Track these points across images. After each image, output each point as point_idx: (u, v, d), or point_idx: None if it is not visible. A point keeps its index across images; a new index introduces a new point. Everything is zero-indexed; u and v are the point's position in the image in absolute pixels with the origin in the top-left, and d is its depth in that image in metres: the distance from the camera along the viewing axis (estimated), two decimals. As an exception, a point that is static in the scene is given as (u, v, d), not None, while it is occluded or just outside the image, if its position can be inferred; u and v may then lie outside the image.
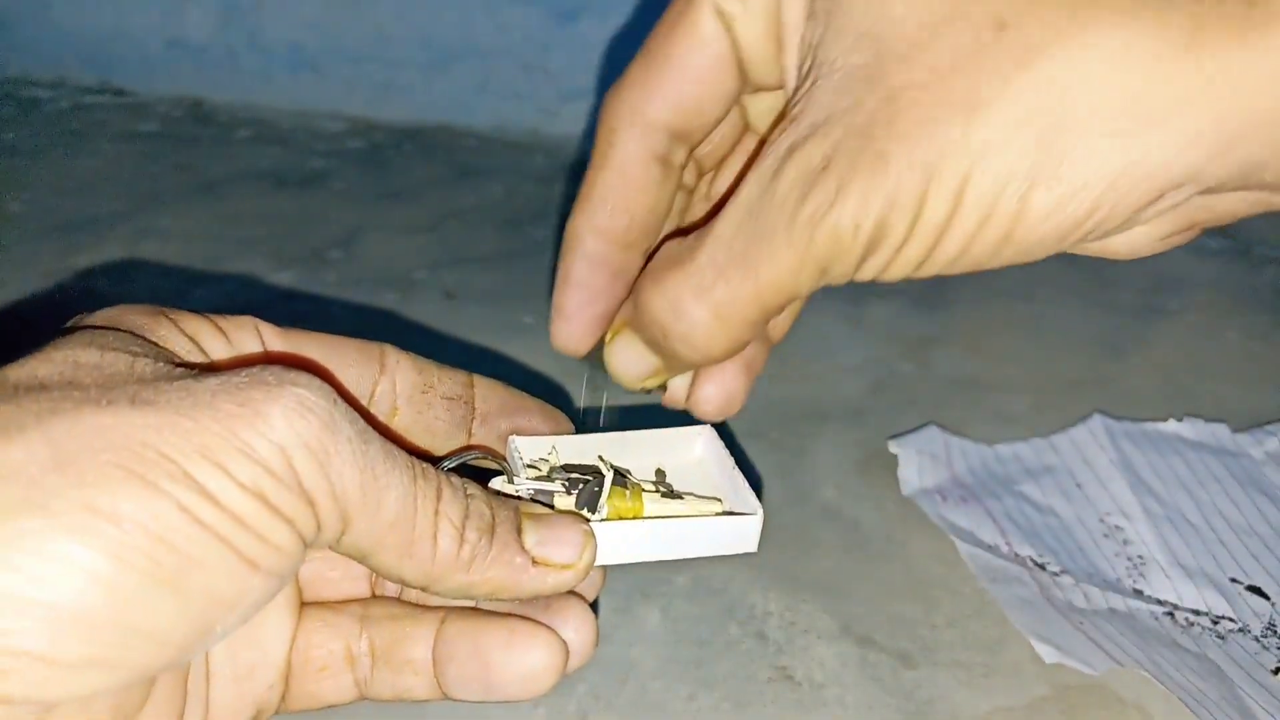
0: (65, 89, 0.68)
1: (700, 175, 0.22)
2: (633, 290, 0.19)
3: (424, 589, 0.17)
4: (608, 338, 0.20)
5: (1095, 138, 0.15)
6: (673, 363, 0.20)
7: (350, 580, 0.20)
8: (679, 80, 0.19)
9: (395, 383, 0.20)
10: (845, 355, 0.44)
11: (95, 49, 0.68)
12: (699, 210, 0.22)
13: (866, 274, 0.17)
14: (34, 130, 0.63)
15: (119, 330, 0.17)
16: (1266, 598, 0.32)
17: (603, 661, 0.28)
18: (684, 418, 0.23)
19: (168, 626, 0.14)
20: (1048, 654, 0.29)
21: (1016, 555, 0.33)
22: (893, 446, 0.37)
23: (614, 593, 0.31)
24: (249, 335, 0.19)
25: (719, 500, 0.21)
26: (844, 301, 0.48)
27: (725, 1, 0.18)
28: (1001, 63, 0.15)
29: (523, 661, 0.18)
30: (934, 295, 0.50)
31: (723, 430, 0.23)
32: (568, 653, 0.19)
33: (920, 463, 0.37)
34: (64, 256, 0.49)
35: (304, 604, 0.20)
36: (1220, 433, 0.39)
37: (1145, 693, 0.28)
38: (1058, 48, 0.15)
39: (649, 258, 0.20)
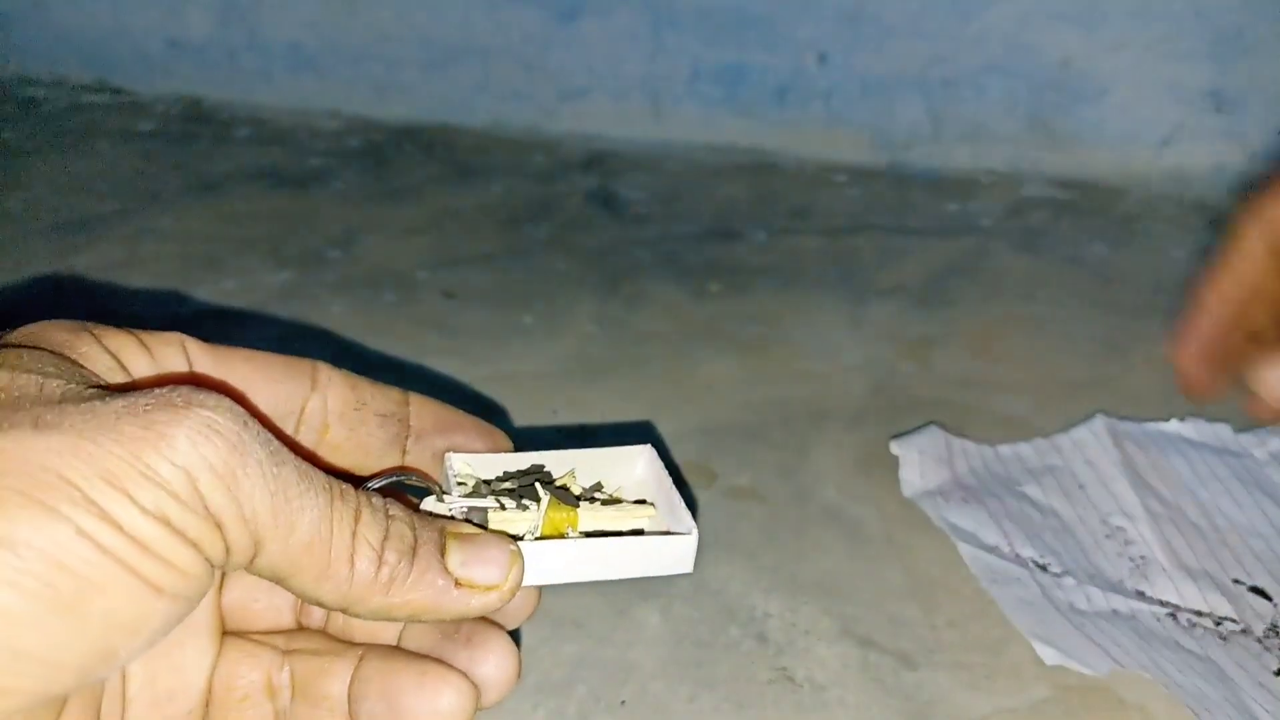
0: (64, 88, 0.68)
1: None
2: None
3: (343, 611, 0.17)
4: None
5: None
6: None
7: (274, 611, 0.20)
8: None
9: (327, 400, 0.20)
10: (846, 356, 0.44)
11: (93, 48, 0.68)
12: None
13: None
14: (32, 129, 0.63)
15: (37, 349, 0.16)
16: (1269, 599, 0.31)
17: (603, 663, 0.28)
18: (627, 437, 0.23)
19: (65, 651, 0.14)
20: (1049, 656, 0.29)
21: (1018, 556, 0.33)
22: (894, 447, 0.37)
23: (614, 594, 0.31)
24: (175, 352, 0.18)
25: (652, 506, 0.21)
26: (845, 302, 0.48)
27: None
28: None
29: (430, 705, 0.18)
30: (935, 295, 0.49)
31: (664, 450, 0.23)
32: (478, 696, 0.19)
33: (922, 463, 0.37)
34: (62, 255, 0.49)
35: (227, 633, 0.20)
36: (1223, 433, 0.39)
37: (1147, 694, 0.28)
38: None
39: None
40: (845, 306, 0.48)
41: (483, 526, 0.19)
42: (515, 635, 0.20)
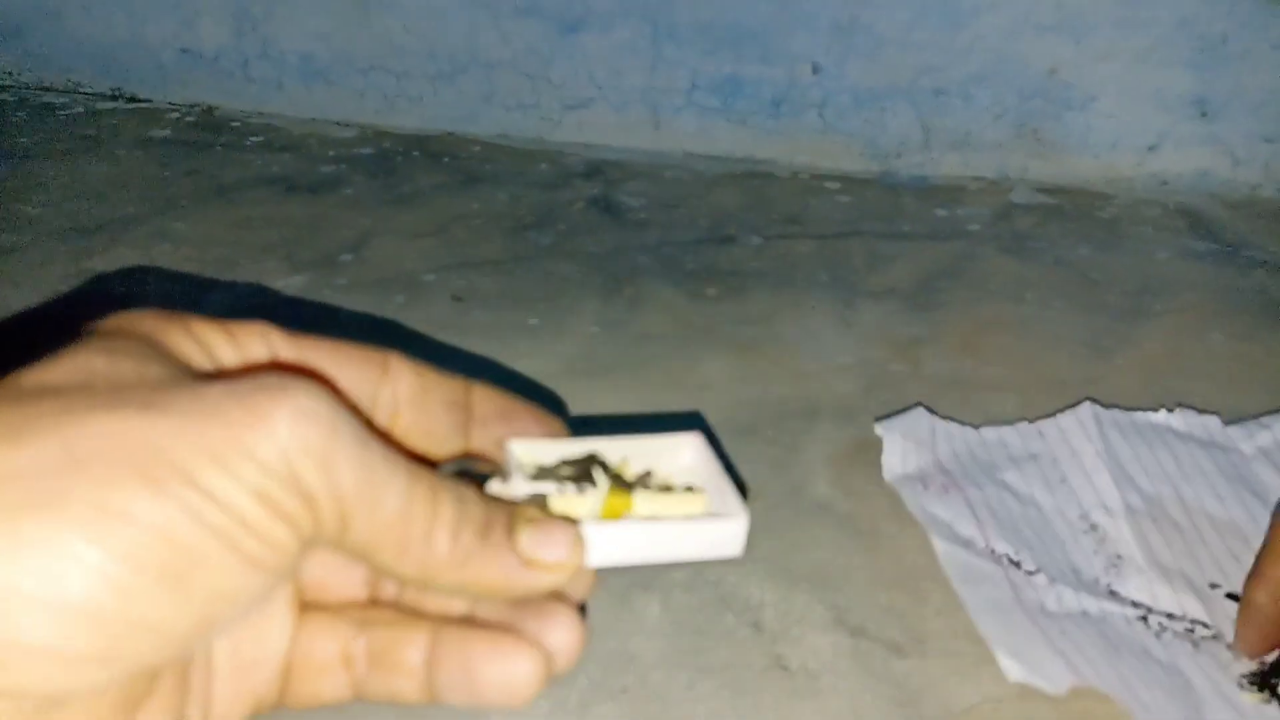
0: (79, 96, 0.69)
1: None
2: None
3: (421, 586, 0.18)
4: None
5: None
6: None
7: (350, 585, 0.21)
8: None
9: (397, 388, 0.21)
10: (838, 356, 0.45)
11: (109, 57, 0.69)
12: None
13: None
14: (49, 136, 0.64)
15: (130, 336, 0.17)
16: None
17: (604, 651, 0.29)
18: (675, 424, 0.24)
19: (171, 621, 0.15)
20: (1013, 671, 0.28)
21: (993, 551, 0.33)
22: (879, 429, 0.37)
23: (614, 585, 0.32)
24: (258, 340, 0.19)
25: (703, 493, 0.22)
26: (837, 303, 0.49)
27: None
28: None
29: (506, 672, 0.19)
30: (924, 297, 0.50)
31: (712, 434, 0.24)
32: (550, 664, 0.20)
33: (904, 448, 0.36)
34: (79, 260, 0.50)
35: (305, 605, 0.21)
36: (1211, 425, 0.38)
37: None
38: None
39: None
40: (837, 308, 0.49)
41: (543, 509, 0.20)
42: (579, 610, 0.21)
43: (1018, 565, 0.32)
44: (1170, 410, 0.38)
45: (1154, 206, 0.62)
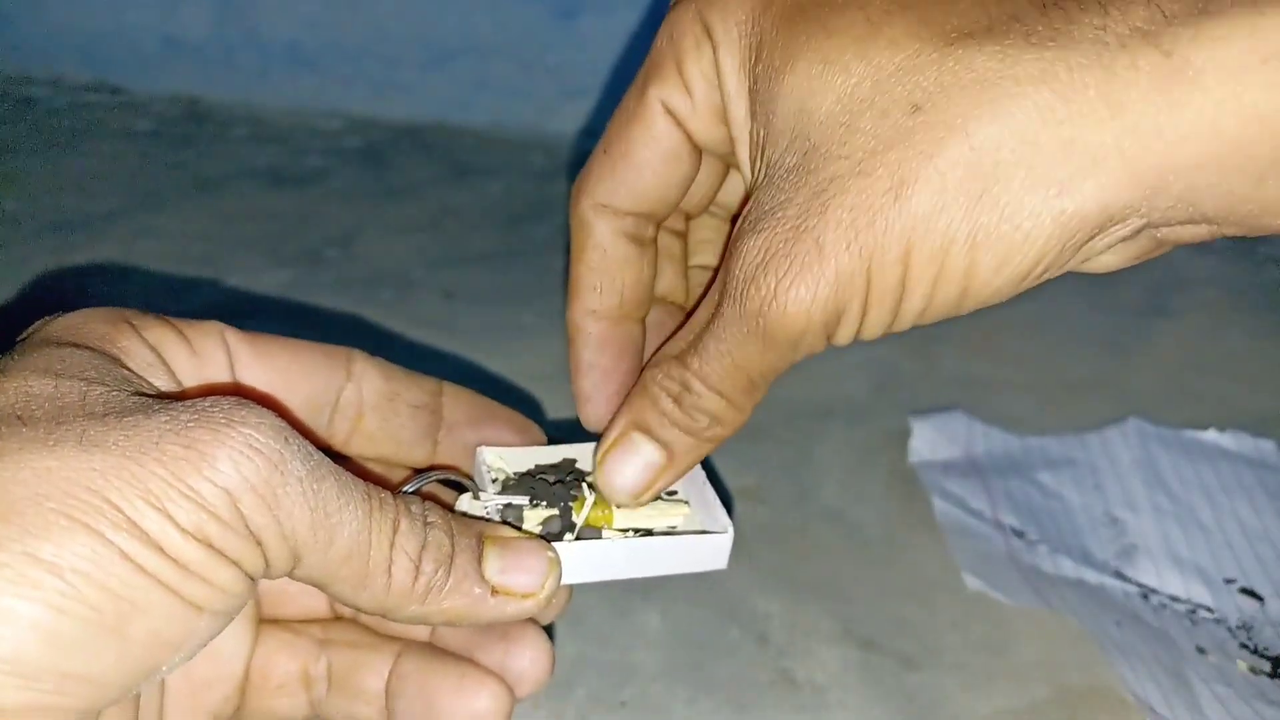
0: (61, 87, 0.68)
1: (689, 219, 0.23)
2: (633, 391, 0.20)
3: (381, 616, 0.17)
4: (601, 454, 0.20)
5: (1027, 193, 0.16)
6: (685, 447, 0.20)
7: (310, 595, 0.21)
8: (637, 175, 0.20)
9: (361, 390, 0.20)
10: (849, 354, 0.44)
11: (91, 47, 0.68)
12: (697, 252, 0.24)
13: (842, 341, 0.18)
14: (29, 129, 0.63)
15: (78, 346, 0.17)
16: (1259, 599, 0.31)
17: (602, 664, 0.28)
18: None
19: (109, 670, 0.14)
20: (972, 582, 0.29)
21: (998, 523, 0.32)
22: (912, 420, 0.37)
23: (614, 595, 0.31)
24: (214, 343, 0.19)
25: (686, 503, 0.21)
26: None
27: (675, 101, 0.19)
28: (921, 141, 0.16)
29: (468, 708, 0.19)
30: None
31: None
32: (513, 701, 0.19)
33: (936, 439, 0.36)
34: (59, 255, 0.49)
35: (264, 620, 0.20)
36: (1265, 448, 0.37)
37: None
38: (974, 120, 0.15)
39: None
40: (846, 305, 0.48)
41: (518, 524, 0.19)
42: (548, 630, 0.21)
43: (1020, 535, 0.32)
44: (1221, 430, 0.38)
45: (1168, 199, 0.61)
